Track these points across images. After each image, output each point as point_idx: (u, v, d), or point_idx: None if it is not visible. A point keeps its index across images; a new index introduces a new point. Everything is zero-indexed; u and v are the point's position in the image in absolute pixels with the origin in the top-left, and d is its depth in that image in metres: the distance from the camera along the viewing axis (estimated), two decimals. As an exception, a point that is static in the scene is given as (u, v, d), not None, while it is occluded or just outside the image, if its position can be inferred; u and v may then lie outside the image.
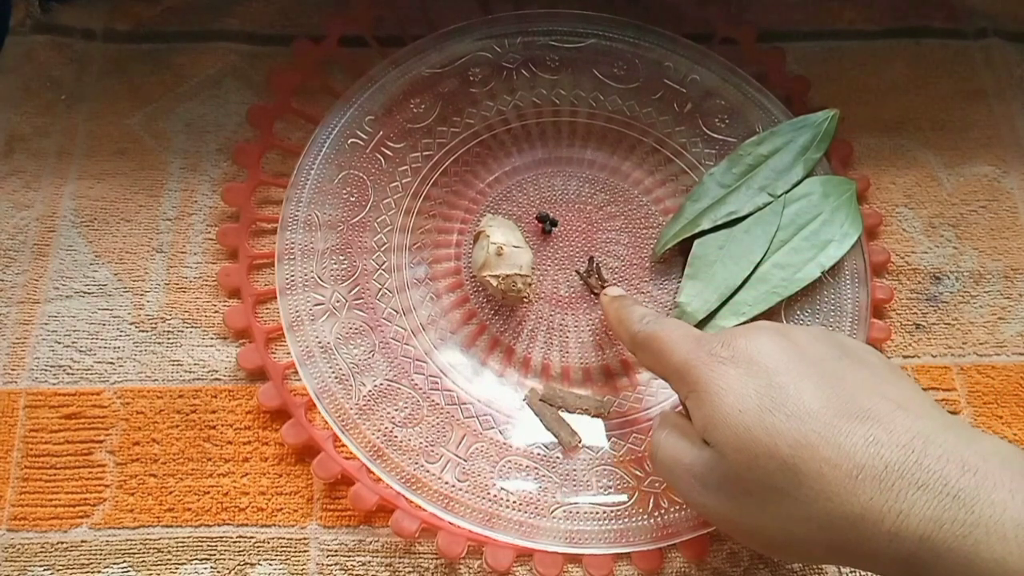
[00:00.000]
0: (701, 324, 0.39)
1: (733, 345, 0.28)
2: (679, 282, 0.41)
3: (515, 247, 0.38)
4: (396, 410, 0.37)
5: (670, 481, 0.30)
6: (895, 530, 0.23)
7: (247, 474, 0.36)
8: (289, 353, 0.37)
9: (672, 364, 0.29)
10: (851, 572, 0.36)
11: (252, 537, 0.35)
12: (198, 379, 0.38)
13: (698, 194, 0.42)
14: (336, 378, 0.37)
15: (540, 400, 0.38)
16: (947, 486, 0.23)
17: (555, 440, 0.37)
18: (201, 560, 0.35)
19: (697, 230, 0.40)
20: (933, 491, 0.23)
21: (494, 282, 0.38)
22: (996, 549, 0.22)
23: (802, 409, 0.26)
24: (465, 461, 0.36)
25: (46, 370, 0.38)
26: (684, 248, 0.41)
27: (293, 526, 0.36)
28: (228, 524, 0.35)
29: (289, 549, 0.35)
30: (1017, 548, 0.22)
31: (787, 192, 0.41)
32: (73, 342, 0.38)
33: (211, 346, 0.39)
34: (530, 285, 0.39)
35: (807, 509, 0.25)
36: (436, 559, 0.35)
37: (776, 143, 0.42)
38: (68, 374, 0.38)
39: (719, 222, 0.41)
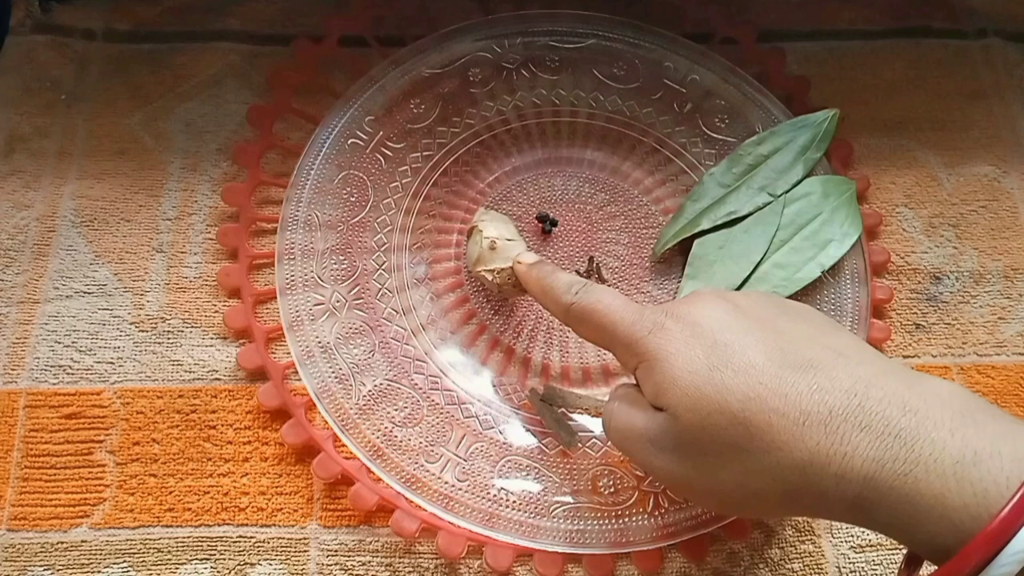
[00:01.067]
0: None
1: (676, 313, 0.29)
2: (679, 282, 0.41)
3: (508, 240, 0.37)
4: (396, 410, 0.37)
5: (625, 449, 0.30)
6: (841, 472, 0.24)
7: (247, 474, 0.36)
8: (289, 353, 0.37)
9: (617, 337, 0.30)
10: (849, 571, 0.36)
11: (252, 537, 0.35)
12: (198, 379, 0.38)
13: (698, 194, 0.42)
14: (336, 378, 0.37)
15: (540, 400, 0.38)
16: (889, 426, 0.24)
17: (555, 440, 0.37)
18: (201, 560, 0.35)
19: (697, 230, 0.40)
20: (875, 432, 0.24)
21: (489, 276, 0.37)
22: (935, 485, 0.23)
23: (748, 364, 0.26)
24: (465, 461, 0.36)
25: (46, 370, 0.38)
26: (684, 248, 0.41)
27: (293, 526, 0.36)
28: (228, 524, 0.35)
29: (289, 549, 0.35)
30: (956, 484, 0.22)
31: (787, 192, 0.41)
32: (73, 342, 0.38)
33: (211, 346, 0.39)
34: None
35: (760, 461, 0.25)
36: (436, 559, 0.35)
37: (776, 143, 0.42)
38: (68, 374, 0.38)
39: (719, 222, 0.41)
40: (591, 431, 0.37)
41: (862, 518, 0.25)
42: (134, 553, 0.35)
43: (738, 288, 0.39)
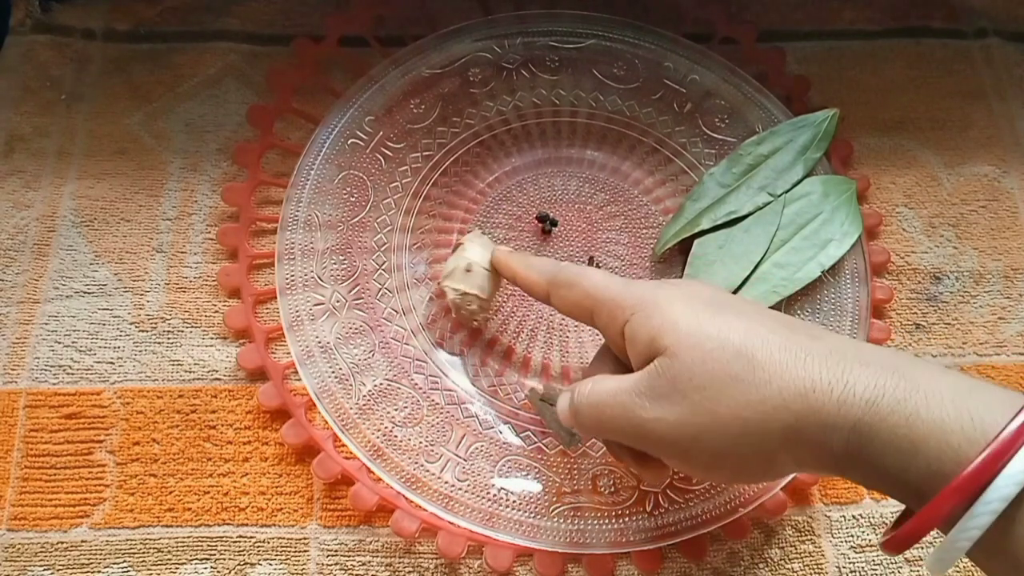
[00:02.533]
0: None
1: (668, 282, 0.30)
2: (679, 282, 0.41)
3: (485, 269, 0.37)
4: (396, 410, 0.37)
5: (604, 419, 0.29)
6: (843, 398, 0.25)
7: (247, 474, 0.36)
8: (289, 353, 0.37)
9: (608, 294, 0.30)
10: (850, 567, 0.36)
11: (252, 537, 0.35)
12: (198, 379, 0.38)
13: (698, 194, 0.42)
14: (336, 378, 0.37)
15: (540, 400, 0.38)
16: (886, 365, 0.25)
17: (555, 440, 0.37)
18: (201, 560, 0.35)
19: (697, 230, 0.40)
20: (876, 367, 0.25)
21: (451, 294, 0.37)
22: (934, 411, 0.23)
23: (748, 312, 0.28)
24: (465, 461, 0.36)
25: (46, 370, 0.38)
26: (684, 248, 0.41)
27: (293, 526, 0.36)
28: (228, 524, 0.35)
29: (289, 549, 0.35)
30: (954, 411, 0.23)
31: (787, 192, 0.41)
32: (73, 342, 0.38)
33: (211, 346, 0.39)
34: (486, 311, 0.38)
35: (762, 391, 0.25)
36: (436, 559, 0.35)
37: (776, 143, 0.42)
38: (68, 374, 0.38)
39: (719, 222, 0.41)
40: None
41: (858, 457, 0.25)
42: (134, 553, 0.35)
43: (738, 288, 0.39)
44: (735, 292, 0.39)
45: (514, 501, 0.35)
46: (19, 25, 0.45)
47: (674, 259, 0.42)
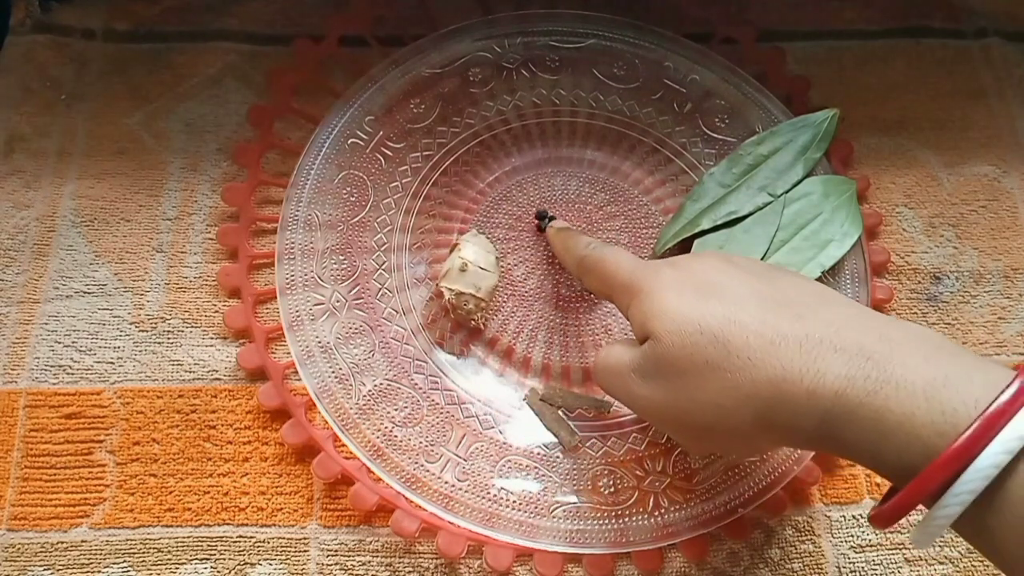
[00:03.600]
0: None
1: (674, 261, 0.31)
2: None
3: (481, 268, 0.37)
4: (396, 410, 0.37)
5: (609, 385, 0.31)
6: (812, 387, 0.25)
7: (247, 474, 0.36)
8: (289, 353, 0.37)
9: (619, 279, 0.31)
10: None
11: (252, 537, 0.35)
12: (198, 379, 0.38)
13: (698, 194, 0.42)
14: (336, 378, 0.37)
15: (540, 400, 0.38)
16: (863, 350, 0.25)
17: (555, 440, 0.37)
18: (201, 560, 0.35)
19: (697, 230, 0.40)
20: (849, 353, 0.25)
21: (447, 295, 0.37)
22: (905, 404, 0.23)
23: (735, 297, 0.28)
24: (465, 461, 0.36)
25: (46, 370, 0.38)
26: (684, 247, 0.41)
27: (293, 526, 0.36)
28: (228, 524, 0.35)
29: (289, 549, 0.35)
30: (925, 403, 0.23)
31: (787, 192, 0.41)
32: (73, 342, 0.38)
33: (211, 346, 0.39)
34: (483, 310, 0.38)
35: (735, 377, 0.26)
36: (436, 559, 0.35)
37: (776, 143, 0.42)
38: (68, 374, 0.38)
39: (719, 222, 0.41)
40: (591, 431, 0.37)
41: (831, 440, 0.25)
42: (134, 553, 0.35)
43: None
44: None
45: (514, 501, 0.35)
46: (19, 25, 0.45)
47: (674, 259, 0.42)
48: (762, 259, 0.40)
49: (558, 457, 0.37)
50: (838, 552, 0.36)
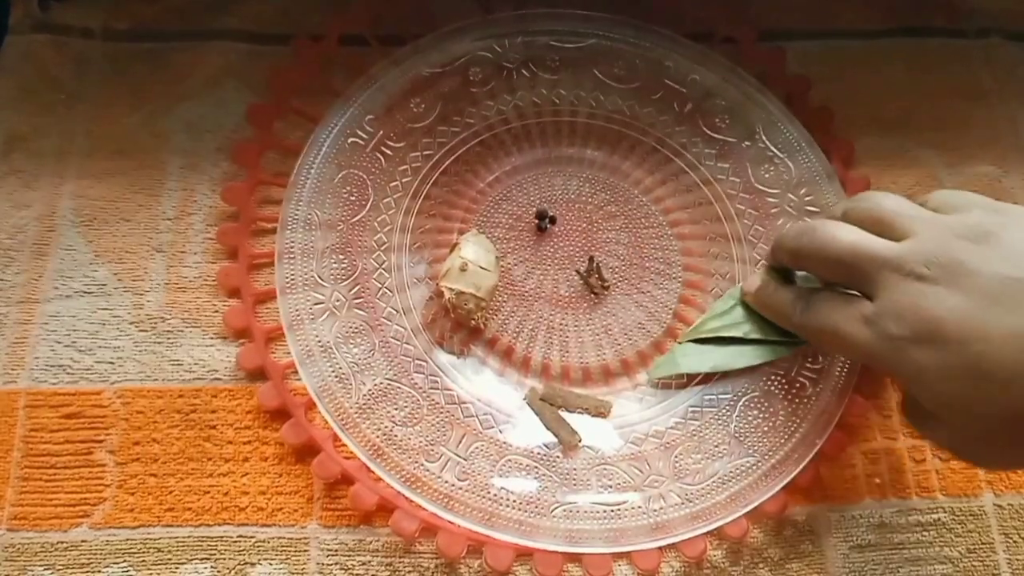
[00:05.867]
0: None
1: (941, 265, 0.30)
2: (680, 281, 0.41)
3: (481, 268, 0.38)
4: (396, 409, 0.37)
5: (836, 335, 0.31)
6: None
7: (247, 474, 0.36)
8: (289, 353, 0.37)
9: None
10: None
11: (252, 537, 0.35)
12: (198, 379, 0.38)
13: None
14: (336, 377, 0.37)
15: (540, 400, 0.38)
16: None
17: (555, 440, 0.37)
18: (201, 560, 0.35)
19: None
20: None
21: (447, 294, 0.37)
22: None
23: None
24: (465, 460, 0.36)
25: (46, 370, 0.38)
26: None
27: (293, 526, 0.36)
28: (228, 524, 0.35)
29: (289, 549, 0.35)
30: None
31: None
32: (73, 342, 0.38)
33: (211, 346, 0.39)
34: (483, 310, 0.38)
35: None
36: (436, 559, 0.35)
37: None
38: (68, 374, 0.38)
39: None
40: (591, 431, 0.37)
41: None
42: (134, 553, 0.35)
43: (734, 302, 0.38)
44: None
45: (514, 501, 0.35)
46: (18, 24, 0.45)
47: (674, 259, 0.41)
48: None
49: (558, 457, 0.37)
50: (838, 552, 0.36)
